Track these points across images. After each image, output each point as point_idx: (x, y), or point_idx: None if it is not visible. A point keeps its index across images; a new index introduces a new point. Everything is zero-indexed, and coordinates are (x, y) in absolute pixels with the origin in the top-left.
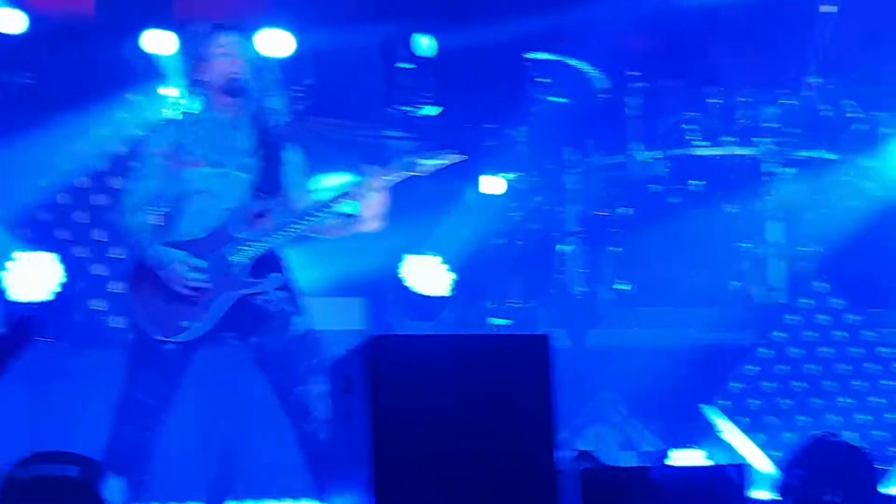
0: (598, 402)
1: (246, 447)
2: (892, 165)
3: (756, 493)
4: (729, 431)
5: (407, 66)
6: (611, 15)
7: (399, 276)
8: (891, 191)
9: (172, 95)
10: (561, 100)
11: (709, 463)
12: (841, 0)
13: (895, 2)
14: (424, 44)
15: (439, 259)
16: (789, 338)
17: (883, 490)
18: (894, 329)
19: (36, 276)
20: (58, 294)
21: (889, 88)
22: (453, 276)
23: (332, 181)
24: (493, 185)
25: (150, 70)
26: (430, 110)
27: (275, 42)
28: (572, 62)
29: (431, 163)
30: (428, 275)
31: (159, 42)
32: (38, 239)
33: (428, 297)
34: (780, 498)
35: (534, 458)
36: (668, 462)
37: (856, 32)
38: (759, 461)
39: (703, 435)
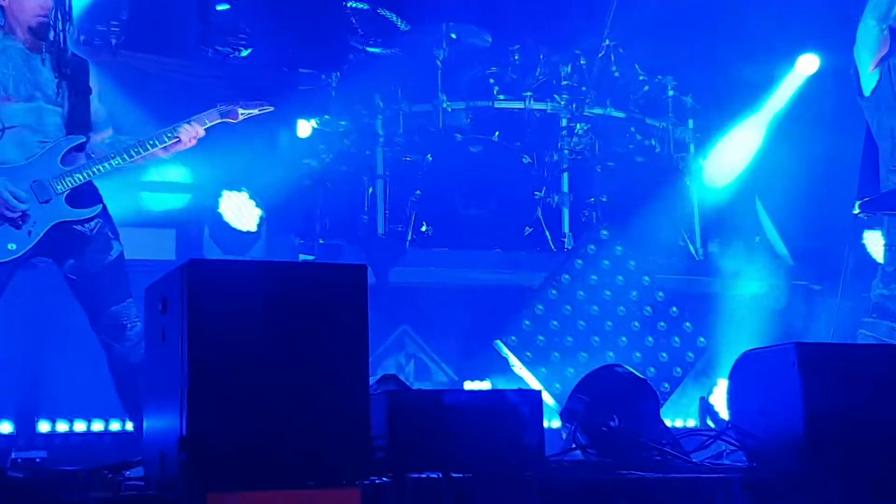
0: (399, 334)
1: (56, 368)
2: (675, 125)
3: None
4: (518, 366)
5: (223, 6)
6: None
7: (217, 210)
8: (672, 147)
9: None
10: (375, 49)
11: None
12: None
13: None
14: None
15: (246, 195)
16: (575, 278)
17: (659, 418)
18: (667, 275)
19: None
20: None
21: (677, 55)
22: (260, 212)
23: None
24: (303, 128)
25: None
26: (244, 52)
27: None
28: (387, 14)
29: (244, 112)
30: (240, 210)
31: None
32: None
33: (240, 231)
34: (565, 424)
35: (348, 380)
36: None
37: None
38: (542, 393)
39: (494, 368)
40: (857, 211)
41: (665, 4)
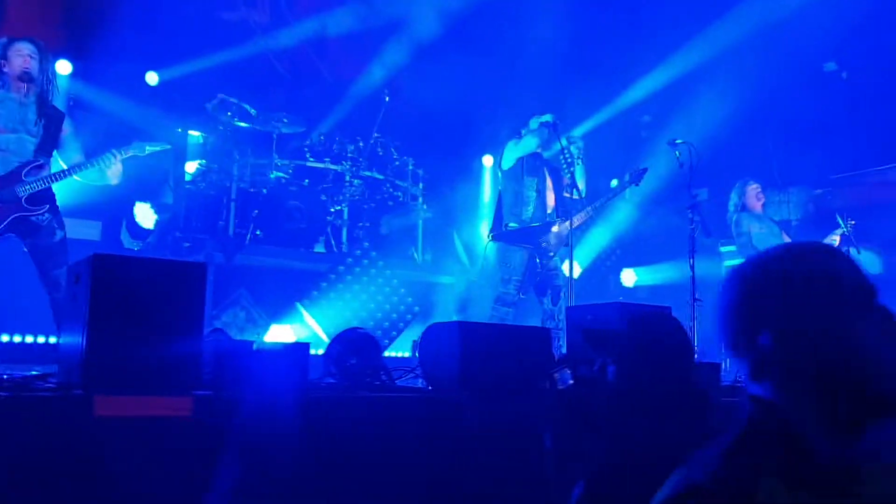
0: (237, 294)
1: (19, 303)
2: (412, 186)
3: (318, 351)
4: (308, 317)
5: (154, 83)
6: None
7: (133, 212)
8: (409, 198)
9: None
10: (240, 123)
11: (289, 336)
12: (393, 92)
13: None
14: (151, 79)
15: (149, 205)
16: (346, 269)
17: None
18: (401, 270)
19: None
20: None
21: (416, 146)
22: (156, 216)
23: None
24: (190, 167)
25: None
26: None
27: (61, 65)
28: (245, 105)
29: (149, 147)
30: (144, 214)
31: None
32: None
33: (143, 227)
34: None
35: (188, 329)
36: (268, 330)
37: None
38: (320, 334)
39: (294, 317)
40: (487, 240)
41: (412, 114)
